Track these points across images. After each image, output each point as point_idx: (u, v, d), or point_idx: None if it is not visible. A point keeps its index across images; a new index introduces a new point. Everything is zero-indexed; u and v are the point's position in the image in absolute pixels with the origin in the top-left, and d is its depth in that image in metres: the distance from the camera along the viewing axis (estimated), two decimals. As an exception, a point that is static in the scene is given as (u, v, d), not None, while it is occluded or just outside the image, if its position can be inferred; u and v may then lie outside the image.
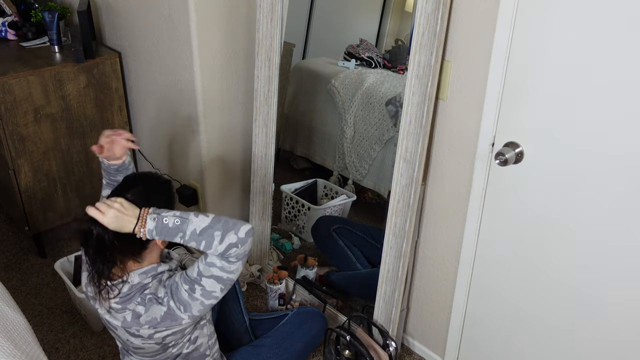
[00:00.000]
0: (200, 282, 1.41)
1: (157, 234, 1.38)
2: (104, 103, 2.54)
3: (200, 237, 1.38)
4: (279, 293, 2.32)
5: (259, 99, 2.19)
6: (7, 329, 1.48)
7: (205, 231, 1.37)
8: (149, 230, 1.37)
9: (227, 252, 1.38)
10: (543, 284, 1.68)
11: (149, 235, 1.38)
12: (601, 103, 1.39)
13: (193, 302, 1.42)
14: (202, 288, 1.41)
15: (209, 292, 1.42)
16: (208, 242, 1.37)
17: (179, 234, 1.38)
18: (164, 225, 1.38)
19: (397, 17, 2.17)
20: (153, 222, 1.38)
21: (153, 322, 1.43)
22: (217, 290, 1.42)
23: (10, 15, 2.72)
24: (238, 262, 1.41)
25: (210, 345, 1.67)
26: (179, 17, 2.10)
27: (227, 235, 1.38)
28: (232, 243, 1.38)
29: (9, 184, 2.47)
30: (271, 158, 2.28)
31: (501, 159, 1.57)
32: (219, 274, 1.41)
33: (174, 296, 1.43)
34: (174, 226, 1.38)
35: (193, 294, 1.41)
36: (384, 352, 1.97)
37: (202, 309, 1.44)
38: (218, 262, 1.40)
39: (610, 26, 1.33)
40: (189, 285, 1.42)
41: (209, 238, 1.37)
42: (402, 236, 1.85)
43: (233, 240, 1.38)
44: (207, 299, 1.43)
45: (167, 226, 1.38)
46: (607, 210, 1.47)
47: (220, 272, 1.40)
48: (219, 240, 1.37)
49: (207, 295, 1.42)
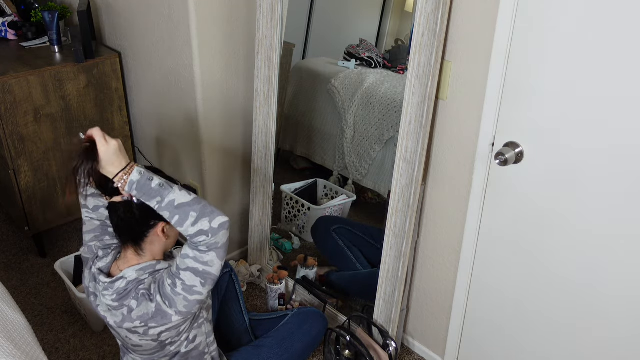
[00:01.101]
0: (179, 276, 1.40)
1: (137, 188, 1.33)
2: (104, 103, 2.54)
3: (175, 210, 1.34)
4: (279, 293, 2.32)
5: (259, 99, 2.19)
6: (7, 329, 1.48)
7: (183, 207, 1.34)
8: (130, 181, 1.33)
9: (197, 238, 1.35)
10: (543, 284, 1.68)
11: (128, 187, 1.33)
12: (601, 103, 1.39)
13: (176, 297, 1.41)
14: (182, 282, 1.40)
15: (190, 287, 1.40)
16: (181, 219, 1.34)
17: (156, 198, 1.34)
18: (146, 183, 1.33)
19: (397, 17, 2.17)
20: (138, 174, 1.34)
21: (144, 317, 1.43)
22: (197, 284, 1.40)
23: (10, 15, 2.72)
24: (210, 252, 1.37)
25: (208, 343, 1.67)
26: (179, 17, 2.10)
27: (201, 220, 1.35)
28: (203, 230, 1.35)
29: (9, 184, 2.47)
30: (271, 158, 2.28)
31: (501, 159, 1.57)
32: (194, 266, 1.38)
33: (160, 291, 1.43)
34: (155, 187, 1.34)
35: (175, 289, 1.40)
36: (384, 352, 1.97)
37: (186, 304, 1.42)
38: (191, 252, 1.38)
39: (610, 26, 1.33)
40: (172, 279, 1.41)
41: (184, 215, 1.34)
42: (402, 236, 1.85)
43: (205, 227, 1.34)
44: (190, 294, 1.41)
45: (149, 185, 1.33)
46: (607, 210, 1.47)
47: (195, 263, 1.38)
48: (192, 222, 1.34)
49: (189, 290, 1.40)
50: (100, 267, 1.52)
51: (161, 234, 1.47)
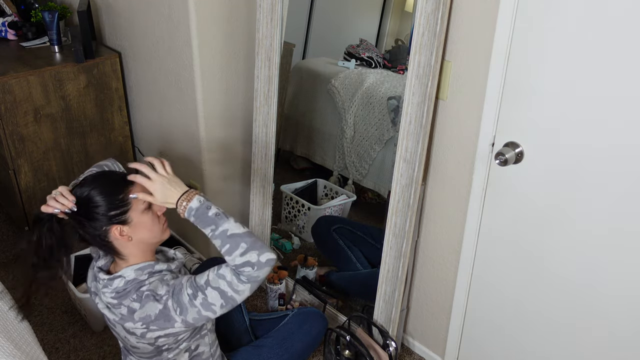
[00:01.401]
0: (204, 291, 1.40)
1: (194, 215, 1.39)
2: (104, 103, 2.54)
3: (227, 239, 1.38)
4: (279, 293, 2.32)
5: (259, 99, 2.19)
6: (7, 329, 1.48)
7: (234, 237, 1.38)
8: (189, 208, 1.39)
9: (242, 268, 1.37)
10: (543, 284, 1.68)
11: (187, 213, 1.40)
12: (601, 102, 1.39)
13: (191, 308, 1.40)
14: (204, 297, 1.40)
15: (209, 304, 1.40)
16: (231, 248, 1.37)
17: (211, 226, 1.39)
18: (205, 211, 1.39)
19: (397, 17, 2.17)
20: (198, 202, 1.40)
21: (147, 319, 1.42)
22: (217, 304, 1.40)
23: (10, 15, 2.72)
24: (247, 284, 1.38)
25: (212, 353, 1.67)
26: (179, 17, 2.10)
27: (250, 252, 1.37)
28: (251, 262, 1.37)
29: (9, 184, 2.47)
30: (271, 158, 2.28)
31: (501, 159, 1.57)
32: (225, 289, 1.39)
33: (174, 296, 1.42)
34: (212, 216, 1.39)
35: (194, 301, 1.40)
36: (384, 352, 1.97)
37: (197, 317, 1.42)
38: (229, 276, 1.38)
39: (610, 26, 1.33)
40: (193, 290, 1.41)
41: (234, 245, 1.37)
42: (402, 236, 1.85)
43: (253, 259, 1.37)
44: (205, 310, 1.41)
45: (207, 214, 1.39)
46: (607, 210, 1.47)
47: (228, 287, 1.39)
48: (241, 252, 1.37)
49: (206, 307, 1.40)
50: (100, 266, 1.52)
51: (120, 236, 1.44)
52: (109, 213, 1.41)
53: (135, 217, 1.44)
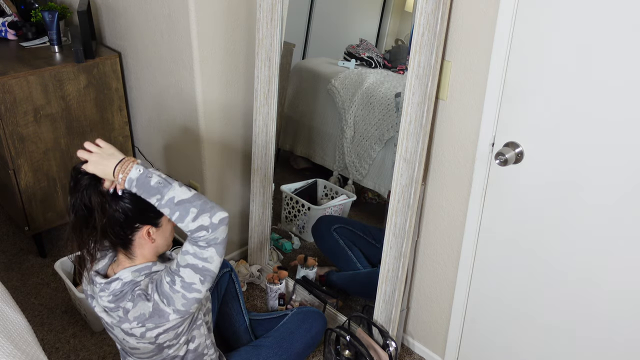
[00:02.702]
0: (179, 273, 1.40)
1: (137, 185, 1.34)
2: (104, 103, 2.54)
3: (176, 207, 1.35)
4: (279, 293, 2.32)
5: (259, 99, 2.19)
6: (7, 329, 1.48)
7: (183, 203, 1.35)
8: (129, 179, 1.34)
9: (197, 234, 1.36)
10: (543, 284, 1.68)
11: (128, 184, 1.34)
12: (601, 102, 1.39)
13: (174, 294, 1.41)
14: (182, 279, 1.40)
15: (189, 284, 1.40)
16: (182, 215, 1.35)
17: (156, 195, 1.35)
18: (146, 180, 1.34)
19: (397, 17, 2.17)
20: (137, 172, 1.34)
21: (141, 318, 1.43)
22: (196, 281, 1.40)
23: (10, 15, 2.72)
24: (210, 247, 1.38)
25: (207, 345, 1.67)
26: (179, 17, 2.10)
27: (201, 216, 1.35)
28: (204, 225, 1.35)
29: (9, 184, 2.47)
30: (271, 158, 2.28)
31: (501, 159, 1.57)
32: (193, 262, 1.38)
33: (158, 289, 1.43)
34: (155, 185, 1.34)
35: (174, 286, 1.41)
36: (384, 352, 1.97)
37: (185, 302, 1.42)
38: (190, 249, 1.38)
39: (610, 26, 1.33)
40: (170, 277, 1.41)
41: (184, 211, 1.35)
42: (402, 236, 1.85)
43: (205, 222, 1.35)
44: (189, 292, 1.41)
45: (149, 183, 1.34)
46: (607, 210, 1.47)
47: (194, 259, 1.38)
48: (193, 217, 1.35)
49: (187, 288, 1.40)
50: (96, 269, 1.52)
51: (147, 237, 1.47)
52: (149, 213, 1.44)
53: (164, 223, 1.48)
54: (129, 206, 1.41)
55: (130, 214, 1.42)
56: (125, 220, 1.43)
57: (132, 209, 1.42)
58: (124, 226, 1.43)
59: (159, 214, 1.46)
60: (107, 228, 1.42)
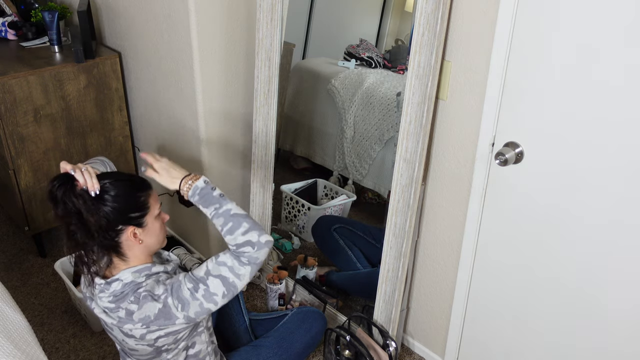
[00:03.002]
0: (205, 282, 1.42)
1: (199, 193, 1.46)
2: (104, 103, 2.54)
3: (230, 218, 1.43)
4: (279, 293, 2.32)
5: (259, 99, 2.19)
6: (7, 329, 1.48)
7: (237, 217, 1.44)
8: (195, 187, 1.46)
9: (243, 248, 1.41)
10: (543, 284, 1.68)
11: (192, 191, 1.46)
12: (601, 102, 1.39)
13: (193, 301, 1.41)
14: (206, 288, 1.41)
15: (211, 294, 1.41)
16: (234, 227, 1.42)
17: (215, 205, 1.45)
18: (210, 191, 1.46)
19: (397, 17, 2.17)
20: (204, 182, 1.47)
21: (146, 320, 1.43)
22: (219, 293, 1.42)
23: (10, 15, 2.72)
24: (248, 266, 1.42)
25: (209, 351, 1.67)
26: (179, 17, 2.10)
27: (251, 232, 1.42)
28: (252, 241, 1.42)
29: (9, 184, 2.47)
30: (271, 158, 2.28)
31: (501, 159, 1.57)
32: (226, 275, 1.41)
33: (173, 294, 1.42)
34: (217, 196, 1.46)
35: (195, 293, 1.41)
36: (384, 352, 1.97)
37: (199, 311, 1.43)
38: (229, 262, 1.42)
39: (610, 25, 1.33)
40: (193, 284, 1.42)
41: (237, 224, 1.42)
42: (402, 236, 1.85)
43: (254, 239, 1.42)
44: (207, 302, 1.42)
45: (212, 194, 1.46)
46: (607, 210, 1.47)
47: (229, 272, 1.41)
48: (243, 231, 1.42)
49: (208, 298, 1.42)
50: (95, 271, 1.52)
51: (133, 238, 1.45)
52: (130, 214, 1.44)
53: (149, 222, 1.48)
54: (109, 208, 1.40)
55: (111, 216, 1.41)
56: (108, 223, 1.41)
57: (112, 210, 1.41)
58: (107, 229, 1.42)
59: (142, 214, 1.45)
60: (92, 231, 1.40)
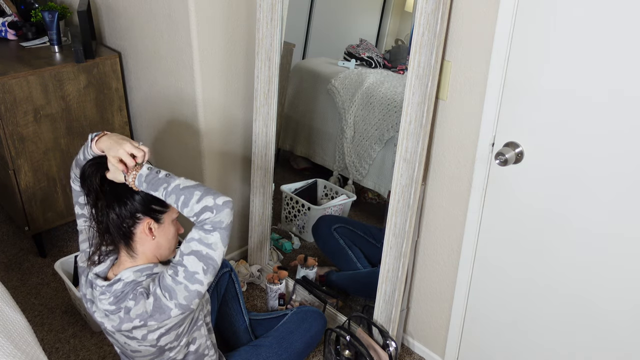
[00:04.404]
0: (182, 263, 1.41)
1: (146, 180, 1.43)
2: (104, 103, 2.54)
3: (180, 192, 1.40)
4: (279, 293, 2.32)
5: (259, 99, 2.19)
6: (7, 329, 1.48)
7: (187, 188, 1.41)
8: (139, 175, 1.43)
9: (202, 216, 1.39)
10: (543, 284, 1.68)
11: (138, 181, 1.43)
12: (602, 103, 1.39)
13: (177, 286, 1.41)
14: (185, 269, 1.41)
15: (192, 274, 1.41)
16: (187, 198, 1.40)
17: (163, 185, 1.42)
18: (155, 175, 1.43)
19: (397, 17, 2.17)
20: (147, 169, 1.44)
21: (143, 315, 1.43)
22: (199, 270, 1.41)
23: (10, 15, 2.72)
24: (214, 232, 1.40)
25: (208, 345, 1.67)
26: (179, 17, 2.10)
27: (205, 197, 1.40)
28: (208, 206, 1.39)
29: (9, 184, 2.47)
30: (271, 158, 2.28)
31: (501, 159, 1.57)
32: (197, 248, 1.40)
33: (160, 284, 1.44)
34: (162, 177, 1.43)
35: (176, 277, 1.41)
36: (384, 352, 1.97)
37: (187, 295, 1.42)
38: (196, 234, 1.41)
39: (610, 25, 1.33)
40: (173, 269, 1.43)
41: (189, 194, 1.40)
42: (402, 236, 1.85)
43: (210, 203, 1.39)
44: (191, 283, 1.41)
45: (157, 177, 1.43)
46: (607, 210, 1.47)
47: (199, 245, 1.40)
48: (197, 199, 1.39)
49: (190, 278, 1.41)
50: (97, 272, 1.52)
51: (148, 232, 1.48)
52: (152, 205, 1.48)
53: (166, 221, 1.52)
54: (134, 195, 1.46)
55: (133, 203, 1.46)
56: (130, 207, 1.46)
57: (136, 198, 1.46)
58: (125, 215, 1.46)
59: (162, 210, 1.50)
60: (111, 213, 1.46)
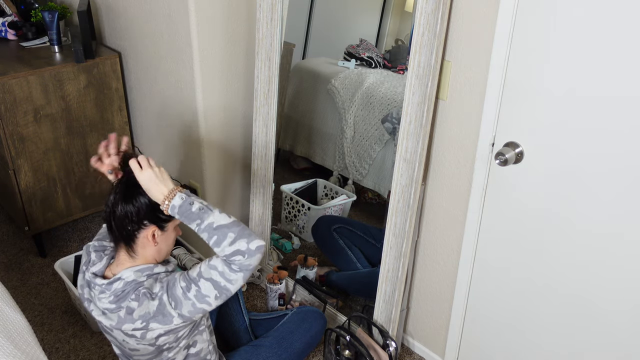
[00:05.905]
0: (197, 283, 1.41)
1: (179, 212, 1.41)
2: (104, 103, 2.54)
3: (214, 232, 1.39)
4: (279, 293, 2.32)
5: (259, 99, 2.19)
6: (7, 329, 1.48)
7: (221, 228, 1.39)
8: (172, 206, 1.41)
9: (232, 257, 1.38)
10: (543, 284, 1.68)
11: (171, 210, 1.41)
12: (602, 103, 1.39)
13: (185, 300, 1.41)
14: (198, 290, 1.41)
15: (203, 296, 1.41)
16: (219, 239, 1.39)
17: (196, 221, 1.41)
18: (188, 208, 1.41)
19: (397, 17, 2.17)
20: (180, 200, 1.41)
21: (146, 316, 1.43)
22: (211, 295, 1.41)
23: (10, 15, 2.72)
24: (239, 272, 1.40)
25: (210, 350, 1.67)
26: (179, 17, 2.10)
27: (238, 241, 1.38)
28: (241, 250, 1.38)
29: (9, 184, 2.47)
30: (271, 158, 2.28)
31: (501, 159, 1.57)
32: (217, 279, 1.40)
33: (168, 291, 1.43)
34: (196, 212, 1.41)
35: (187, 293, 1.41)
36: (384, 352, 1.97)
37: (192, 310, 1.42)
38: (220, 267, 1.40)
39: (611, 26, 1.33)
40: (186, 283, 1.42)
41: (222, 236, 1.39)
42: (402, 236, 1.85)
43: (242, 247, 1.38)
44: (200, 302, 1.41)
45: (191, 210, 1.41)
46: (607, 210, 1.47)
47: (220, 277, 1.40)
48: (230, 242, 1.38)
49: (200, 299, 1.41)
50: (94, 272, 1.52)
51: (151, 238, 1.47)
52: (159, 214, 1.46)
53: (170, 229, 1.51)
54: (145, 199, 1.45)
55: (143, 207, 1.45)
56: (137, 213, 1.45)
57: (147, 204, 1.45)
58: (132, 219, 1.45)
59: (168, 218, 1.49)
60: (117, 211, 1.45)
